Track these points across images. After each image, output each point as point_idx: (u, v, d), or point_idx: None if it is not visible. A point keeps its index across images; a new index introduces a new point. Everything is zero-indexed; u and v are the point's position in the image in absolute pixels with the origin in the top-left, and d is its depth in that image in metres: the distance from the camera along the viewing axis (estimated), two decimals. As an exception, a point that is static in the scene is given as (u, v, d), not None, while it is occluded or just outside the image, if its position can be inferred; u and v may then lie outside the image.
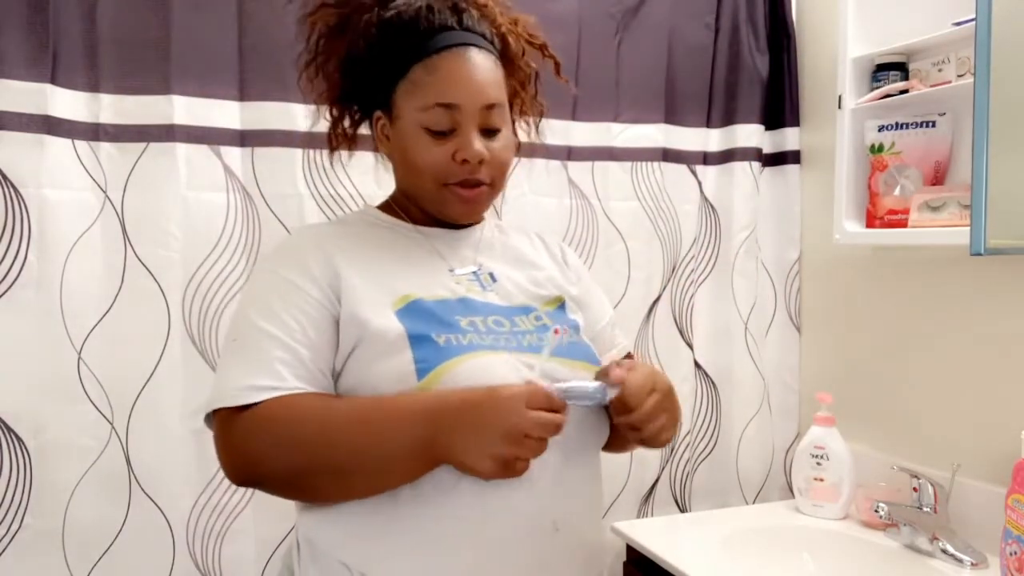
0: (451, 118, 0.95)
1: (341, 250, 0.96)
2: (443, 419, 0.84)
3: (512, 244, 1.10)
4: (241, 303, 0.97)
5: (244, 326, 0.92)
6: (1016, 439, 1.20)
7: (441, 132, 0.95)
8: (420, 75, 0.95)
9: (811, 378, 1.79)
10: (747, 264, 1.78)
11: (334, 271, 0.93)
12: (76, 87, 1.31)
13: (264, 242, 1.42)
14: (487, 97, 0.96)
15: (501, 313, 0.98)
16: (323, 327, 0.91)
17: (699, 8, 1.74)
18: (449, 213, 1.01)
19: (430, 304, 0.94)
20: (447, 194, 0.98)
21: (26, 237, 1.26)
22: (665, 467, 1.74)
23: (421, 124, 0.95)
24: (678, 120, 1.75)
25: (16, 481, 1.26)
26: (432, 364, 0.88)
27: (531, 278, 1.06)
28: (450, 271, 1.00)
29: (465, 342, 0.91)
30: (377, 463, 0.86)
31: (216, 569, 1.39)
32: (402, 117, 0.97)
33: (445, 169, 0.96)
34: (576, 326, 1.05)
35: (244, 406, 0.86)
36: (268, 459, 0.87)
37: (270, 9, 1.40)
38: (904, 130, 1.46)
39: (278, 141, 1.42)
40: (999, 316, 1.37)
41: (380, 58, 0.98)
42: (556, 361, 0.94)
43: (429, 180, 0.97)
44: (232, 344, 0.92)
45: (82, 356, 1.31)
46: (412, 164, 0.98)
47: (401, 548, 0.88)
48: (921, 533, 1.34)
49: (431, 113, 0.94)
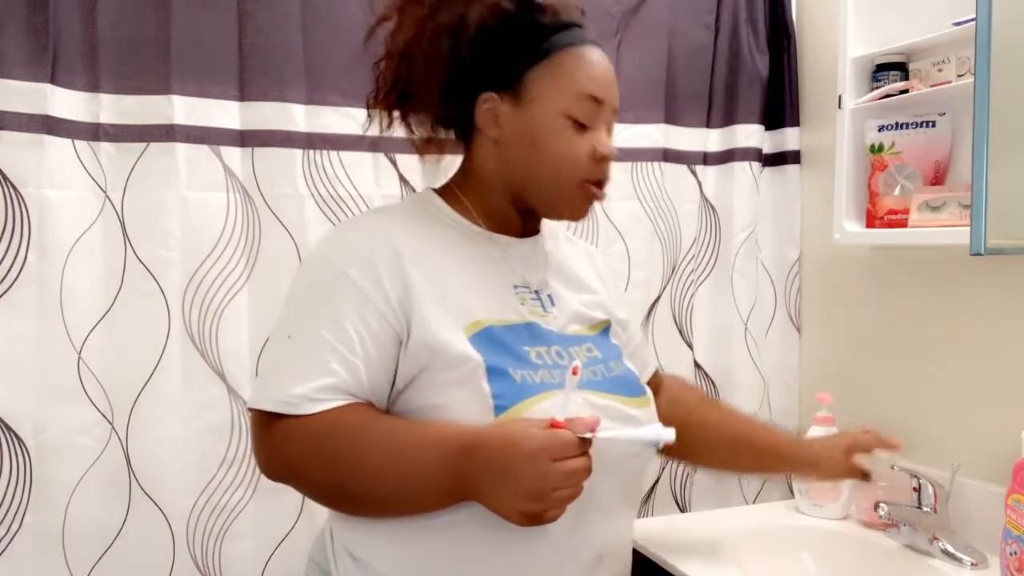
0: (595, 113, 0.93)
1: (412, 256, 0.91)
2: (473, 461, 0.81)
3: (568, 260, 1.08)
4: (299, 295, 0.93)
5: (303, 327, 0.88)
6: (1016, 439, 1.20)
7: (582, 124, 0.93)
8: (569, 62, 0.92)
9: (811, 378, 1.79)
10: (747, 264, 1.78)
11: (404, 284, 0.89)
12: (76, 87, 1.31)
13: (264, 242, 1.42)
14: (618, 102, 0.96)
15: (561, 343, 0.96)
16: (384, 344, 0.88)
17: (699, 8, 1.74)
18: (569, 211, 0.98)
19: (501, 331, 0.91)
20: (578, 191, 0.95)
21: (26, 237, 1.26)
22: (665, 467, 1.74)
23: (566, 112, 0.92)
24: (678, 120, 1.75)
25: (16, 481, 1.26)
26: (509, 402, 0.86)
27: (584, 302, 1.04)
28: (515, 288, 0.97)
29: (537, 380, 0.89)
30: (408, 491, 0.85)
31: (216, 569, 1.39)
32: (539, 102, 0.92)
33: (583, 164, 0.93)
34: (618, 353, 1.04)
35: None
36: (304, 470, 0.87)
37: (270, 9, 1.40)
38: (904, 130, 1.46)
39: (278, 141, 1.42)
40: (999, 316, 1.37)
41: (516, 36, 0.93)
42: (607, 397, 0.93)
43: (565, 172, 0.93)
44: (287, 343, 0.89)
45: (82, 356, 1.31)
46: (544, 153, 0.93)
47: (442, 570, 0.88)
48: (921, 533, 1.34)
49: (581, 103, 0.92)
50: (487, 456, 0.80)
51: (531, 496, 0.78)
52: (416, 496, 0.85)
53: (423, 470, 0.83)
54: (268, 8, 1.40)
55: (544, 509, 0.79)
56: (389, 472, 0.84)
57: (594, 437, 0.81)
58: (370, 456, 0.84)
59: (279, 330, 0.91)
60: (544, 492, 0.78)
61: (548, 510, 0.80)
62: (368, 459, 0.84)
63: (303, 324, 0.88)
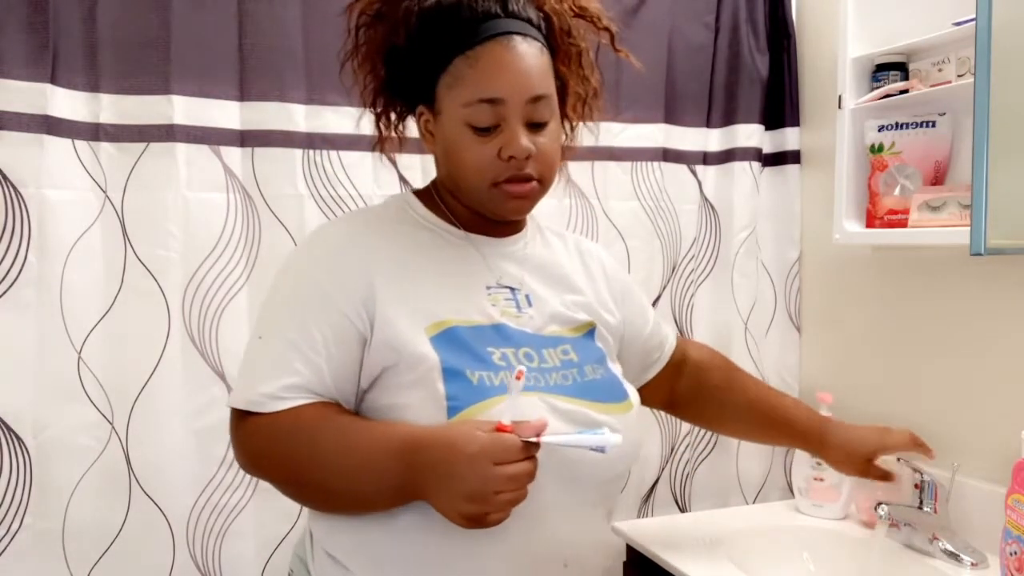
0: (495, 113, 0.90)
1: (380, 258, 0.93)
2: (418, 460, 0.82)
3: (552, 258, 1.07)
4: (272, 298, 0.96)
5: (272, 329, 0.92)
6: (1016, 439, 1.20)
7: (485, 129, 0.91)
8: (462, 68, 0.90)
9: (811, 378, 1.79)
10: (747, 264, 1.78)
11: (369, 284, 0.91)
12: (76, 87, 1.31)
13: (264, 242, 1.42)
14: (532, 89, 0.91)
15: (532, 344, 0.96)
16: (347, 343, 0.90)
17: (699, 8, 1.74)
18: (499, 211, 0.97)
19: (464, 332, 0.92)
20: (496, 193, 0.94)
21: (26, 237, 1.26)
22: (665, 467, 1.74)
23: (464, 120, 0.91)
24: (678, 120, 1.75)
25: (16, 481, 1.26)
26: (463, 403, 0.87)
27: (566, 302, 1.03)
28: (487, 289, 0.97)
29: (497, 382, 0.89)
30: (358, 489, 0.87)
31: (216, 569, 1.39)
32: (444, 112, 0.93)
33: (492, 167, 0.92)
34: (600, 357, 1.03)
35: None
36: (267, 466, 0.91)
37: (270, 9, 1.40)
38: (904, 130, 1.46)
39: (278, 141, 1.42)
40: (999, 316, 1.37)
41: (421, 49, 0.93)
42: (575, 402, 0.93)
43: (476, 179, 0.93)
44: (259, 343, 0.93)
45: (82, 356, 1.31)
46: (457, 163, 0.94)
47: (409, 571, 0.89)
48: (921, 533, 1.34)
49: (474, 109, 0.90)
50: (430, 457, 0.81)
51: (471, 498, 0.79)
52: (366, 493, 0.87)
53: (371, 468, 0.85)
54: (268, 8, 1.40)
55: (485, 512, 0.80)
56: (341, 469, 0.86)
57: (539, 441, 0.81)
58: (324, 453, 0.86)
59: (255, 331, 0.95)
60: (485, 495, 0.79)
61: (489, 513, 0.80)
62: (322, 456, 0.86)
63: (272, 326, 0.92)
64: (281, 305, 0.94)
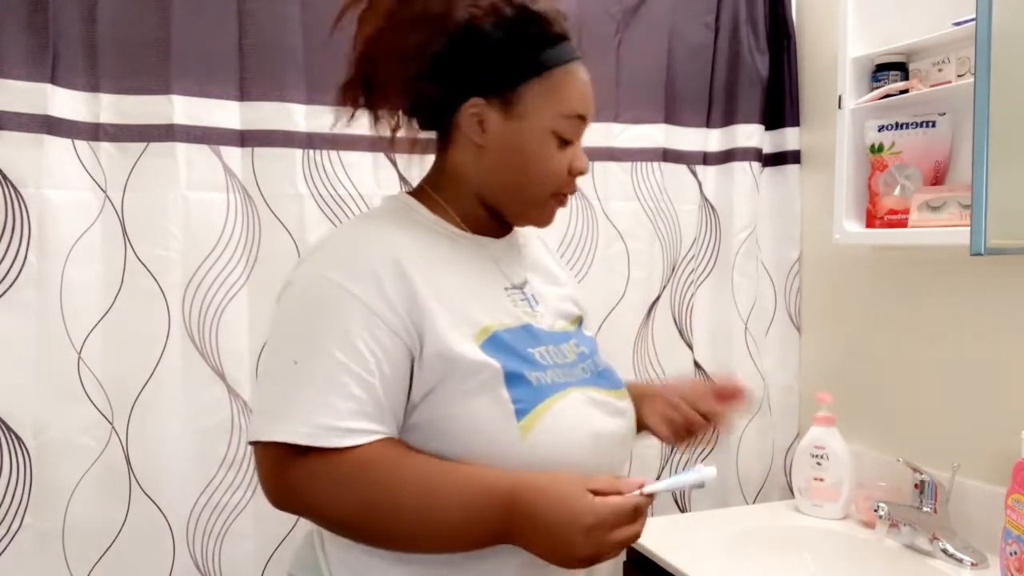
0: (579, 130, 0.95)
1: (413, 268, 0.87)
2: (521, 512, 0.80)
3: (537, 254, 1.09)
4: (295, 318, 0.87)
5: (311, 351, 0.82)
6: (1016, 439, 1.20)
7: (567, 141, 0.94)
8: (562, 80, 0.92)
9: (811, 378, 1.79)
10: (747, 264, 1.78)
11: (411, 296, 0.85)
12: (76, 87, 1.31)
13: (264, 242, 1.42)
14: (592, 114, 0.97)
15: (553, 342, 0.96)
16: (399, 361, 0.84)
17: (699, 8, 1.74)
18: (536, 219, 0.99)
19: (505, 336, 0.91)
20: (551, 203, 0.96)
21: (26, 237, 1.26)
22: (665, 467, 1.75)
23: (553, 129, 0.92)
24: (678, 120, 1.75)
25: (16, 481, 1.26)
26: (528, 406, 0.86)
27: (558, 296, 1.05)
28: (506, 290, 0.97)
29: (549, 380, 0.90)
30: (443, 535, 0.83)
31: (216, 569, 1.39)
32: (530, 116, 0.91)
33: (560, 179, 0.94)
34: (596, 346, 1.05)
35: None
36: (328, 508, 0.83)
37: (270, 9, 1.40)
38: (904, 130, 1.46)
39: (278, 141, 1.42)
40: (999, 316, 1.37)
41: (513, 46, 0.91)
42: (603, 393, 0.95)
43: (540, 187, 0.94)
44: (294, 369, 0.82)
45: (82, 356, 1.31)
46: (525, 167, 0.93)
47: (432, 560, 0.87)
48: (921, 533, 1.34)
49: (569, 122, 0.93)
50: (542, 520, 0.79)
51: (583, 561, 0.80)
52: (450, 540, 0.83)
53: (467, 518, 0.81)
54: (268, 8, 1.40)
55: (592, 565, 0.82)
56: (425, 518, 0.81)
57: (651, 493, 0.81)
58: (405, 497, 0.81)
59: (279, 356, 0.85)
60: (599, 558, 0.80)
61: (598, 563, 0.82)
62: (402, 500, 0.81)
63: (310, 348, 0.82)
64: (314, 325, 0.83)
